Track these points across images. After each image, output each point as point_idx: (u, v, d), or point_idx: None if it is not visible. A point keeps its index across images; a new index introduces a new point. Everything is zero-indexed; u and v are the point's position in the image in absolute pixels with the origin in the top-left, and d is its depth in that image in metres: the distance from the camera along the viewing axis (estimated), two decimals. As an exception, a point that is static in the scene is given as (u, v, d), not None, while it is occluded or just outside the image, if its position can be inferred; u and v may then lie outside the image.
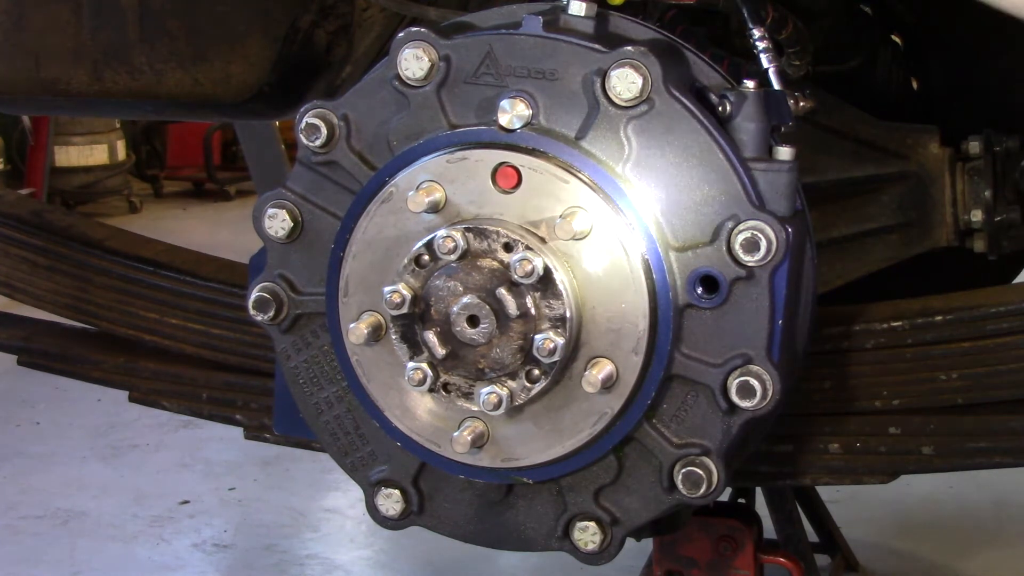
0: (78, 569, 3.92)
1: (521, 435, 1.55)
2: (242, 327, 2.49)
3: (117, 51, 2.01)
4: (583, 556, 1.61)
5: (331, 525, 4.28)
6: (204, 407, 2.54)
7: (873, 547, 3.92)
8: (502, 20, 1.62)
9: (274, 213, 1.62)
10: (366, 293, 1.57)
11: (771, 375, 1.47)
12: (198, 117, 4.00)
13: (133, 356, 2.60)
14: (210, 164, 11.26)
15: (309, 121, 1.59)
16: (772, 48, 1.73)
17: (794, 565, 2.51)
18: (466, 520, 1.66)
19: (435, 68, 1.54)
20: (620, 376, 1.49)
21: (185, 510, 4.36)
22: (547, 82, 1.51)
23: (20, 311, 2.84)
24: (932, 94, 2.77)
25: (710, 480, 1.53)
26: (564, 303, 1.47)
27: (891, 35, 2.71)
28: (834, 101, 2.37)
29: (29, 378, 3.39)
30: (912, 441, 2.19)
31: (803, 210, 1.62)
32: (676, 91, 1.48)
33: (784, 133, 1.60)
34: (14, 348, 2.70)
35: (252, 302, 1.65)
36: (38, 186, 9.23)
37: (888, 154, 2.39)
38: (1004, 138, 2.35)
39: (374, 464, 1.66)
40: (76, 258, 2.62)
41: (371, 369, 1.59)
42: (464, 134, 1.52)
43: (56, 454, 4.92)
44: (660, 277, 1.47)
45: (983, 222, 2.34)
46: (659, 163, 1.48)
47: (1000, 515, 4.23)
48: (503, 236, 1.47)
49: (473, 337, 1.48)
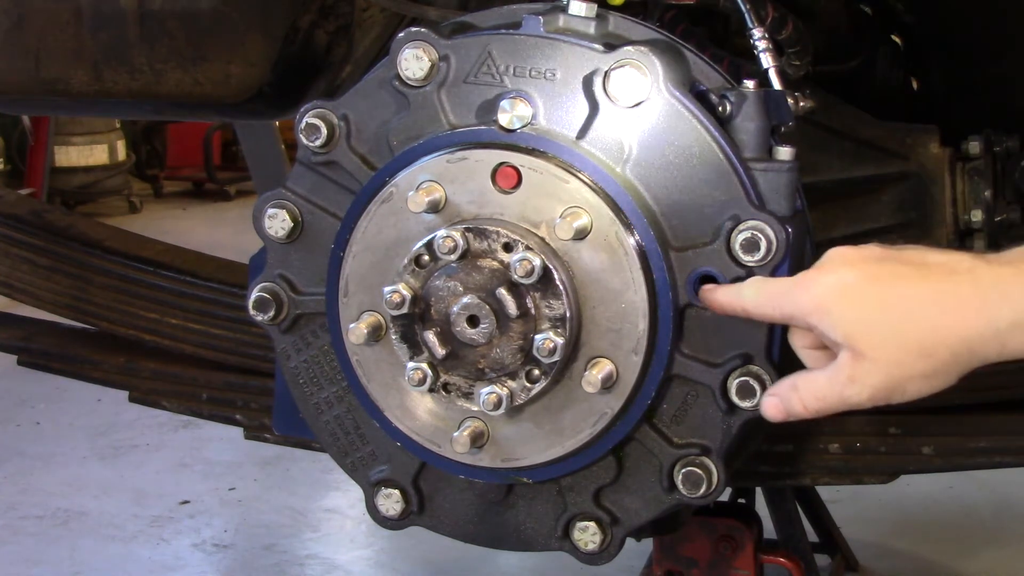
0: (78, 569, 3.92)
1: (521, 435, 1.55)
2: (242, 327, 2.50)
3: (117, 51, 2.01)
4: (583, 556, 1.61)
5: (331, 525, 4.28)
6: (204, 407, 2.54)
7: (873, 547, 3.92)
8: (502, 20, 1.62)
9: (274, 213, 1.62)
10: (366, 293, 1.57)
11: (771, 375, 1.47)
12: (198, 117, 4.00)
13: (133, 356, 2.60)
14: (210, 164, 11.25)
15: (309, 121, 1.58)
16: (772, 48, 1.73)
17: (794, 565, 2.51)
18: (466, 520, 1.66)
19: (435, 68, 1.54)
20: (620, 376, 1.49)
21: (185, 510, 4.36)
22: (547, 82, 1.51)
23: (20, 311, 2.84)
24: (932, 94, 2.77)
25: (710, 480, 1.53)
26: (564, 303, 1.47)
27: (891, 35, 2.71)
28: (834, 101, 2.36)
29: (29, 378, 3.39)
30: (912, 441, 2.19)
31: (803, 210, 1.62)
32: (676, 91, 1.48)
33: (784, 133, 1.60)
34: (14, 348, 2.70)
35: (252, 302, 1.65)
36: (38, 186, 9.23)
37: (888, 154, 2.38)
38: (1004, 138, 2.34)
39: (374, 464, 1.66)
40: (76, 258, 2.62)
41: (371, 369, 1.59)
42: (464, 134, 1.52)
43: (56, 454, 4.92)
44: (660, 277, 1.47)
45: (983, 222, 2.34)
46: (659, 163, 1.48)
47: (1000, 515, 4.23)
48: (503, 236, 1.47)
49: (473, 337, 1.48)
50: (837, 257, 1.37)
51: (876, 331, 1.32)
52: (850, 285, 1.34)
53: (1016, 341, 1.28)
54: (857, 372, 1.33)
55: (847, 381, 1.34)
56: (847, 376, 1.34)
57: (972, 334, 1.29)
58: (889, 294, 1.32)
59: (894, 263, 1.35)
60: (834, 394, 1.36)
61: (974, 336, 1.29)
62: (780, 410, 1.42)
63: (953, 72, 2.65)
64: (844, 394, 1.35)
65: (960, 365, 1.32)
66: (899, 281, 1.33)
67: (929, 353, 1.30)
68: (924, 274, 1.32)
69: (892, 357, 1.32)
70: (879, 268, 1.34)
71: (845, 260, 1.36)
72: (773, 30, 1.88)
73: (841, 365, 1.35)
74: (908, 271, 1.33)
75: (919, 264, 1.34)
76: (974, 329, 1.29)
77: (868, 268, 1.35)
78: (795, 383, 1.41)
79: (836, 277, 1.35)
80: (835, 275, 1.36)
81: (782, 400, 1.41)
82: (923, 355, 1.31)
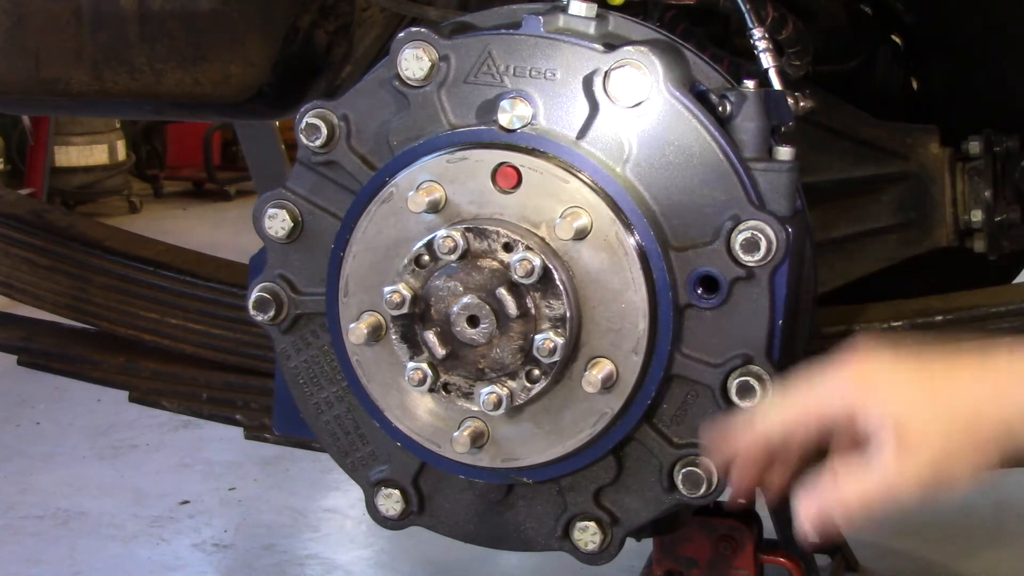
0: (78, 569, 3.91)
1: (521, 435, 1.55)
2: (242, 327, 2.50)
3: (117, 51, 2.01)
4: (583, 556, 1.61)
5: (331, 525, 4.28)
6: (204, 407, 2.54)
7: (873, 547, 3.91)
8: (502, 20, 1.62)
9: (274, 213, 1.62)
10: (366, 293, 1.57)
11: (771, 375, 1.47)
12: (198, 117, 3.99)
13: (133, 356, 2.60)
14: (210, 164, 11.24)
15: (309, 121, 1.59)
16: (772, 48, 1.73)
17: (794, 565, 2.51)
18: (466, 520, 1.66)
19: (435, 68, 1.54)
20: (620, 376, 1.49)
21: (185, 510, 4.35)
22: (547, 82, 1.51)
23: (20, 311, 2.84)
24: (932, 94, 2.77)
25: (710, 480, 1.53)
26: (564, 303, 1.47)
27: (891, 35, 2.71)
28: (834, 101, 2.36)
29: (29, 378, 3.38)
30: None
31: (803, 210, 1.62)
32: (676, 91, 1.48)
33: (784, 133, 1.60)
34: (14, 348, 2.70)
35: (252, 302, 1.65)
36: (38, 186, 9.22)
37: (888, 154, 2.38)
38: (1004, 138, 2.34)
39: (374, 464, 1.66)
40: (76, 258, 2.62)
41: (371, 369, 1.59)
42: (464, 134, 1.52)
43: (56, 454, 4.91)
44: (660, 277, 1.48)
45: (983, 222, 2.34)
46: (659, 163, 1.48)
47: (1000, 515, 4.22)
48: (503, 236, 1.47)
49: (473, 337, 1.48)
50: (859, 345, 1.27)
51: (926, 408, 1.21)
52: (887, 361, 1.25)
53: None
54: (907, 463, 1.21)
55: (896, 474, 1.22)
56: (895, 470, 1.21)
57: (1012, 413, 1.21)
58: (933, 371, 1.23)
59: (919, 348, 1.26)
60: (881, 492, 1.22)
61: (1015, 415, 1.21)
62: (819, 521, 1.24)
63: (953, 72, 2.65)
64: (893, 489, 1.22)
65: (999, 445, 1.22)
66: (937, 360, 1.24)
67: (975, 430, 1.21)
68: (959, 354, 1.24)
69: (942, 431, 1.21)
70: (907, 350, 1.25)
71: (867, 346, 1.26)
72: (773, 30, 1.88)
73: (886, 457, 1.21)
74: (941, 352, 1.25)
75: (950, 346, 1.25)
76: (1016, 406, 1.21)
77: (894, 350, 1.25)
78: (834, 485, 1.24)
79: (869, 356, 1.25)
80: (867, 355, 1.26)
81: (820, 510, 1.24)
82: (968, 431, 1.21)
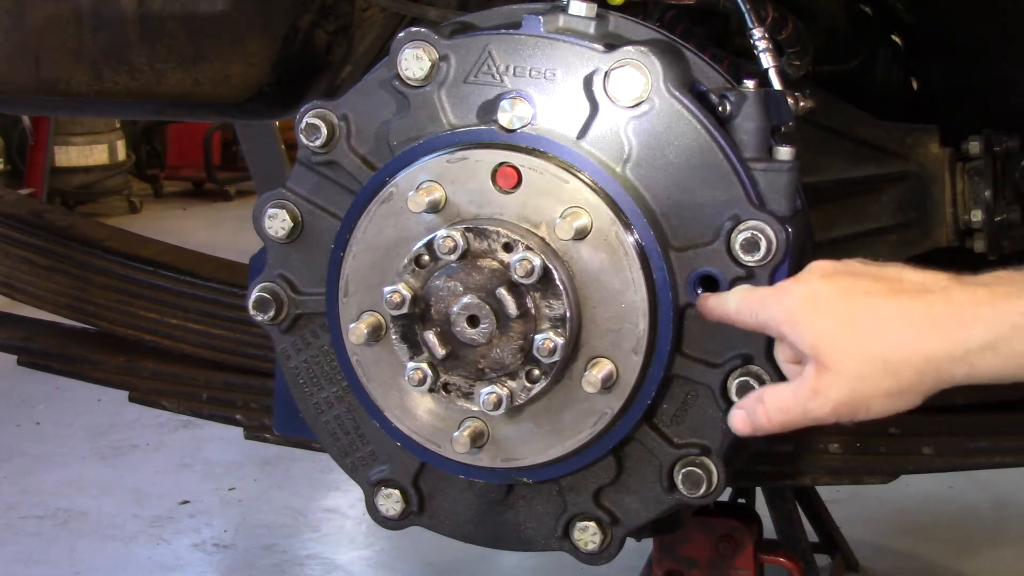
0: (78, 569, 3.91)
1: (521, 435, 1.55)
2: (242, 327, 2.50)
3: (117, 51, 2.01)
4: (583, 556, 1.61)
5: (331, 525, 4.28)
6: (204, 407, 2.54)
7: (873, 547, 3.92)
8: (502, 20, 1.62)
9: (274, 213, 1.62)
10: (366, 293, 1.57)
11: (771, 375, 1.47)
12: (198, 117, 4.00)
13: (133, 356, 2.61)
14: (210, 164, 11.24)
15: (309, 121, 1.59)
16: (772, 48, 1.73)
17: (794, 565, 2.51)
18: (466, 520, 1.66)
19: (435, 68, 1.54)
20: (620, 376, 1.49)
21: (185, 510, 4.36)
22: (547, 82, 1.51)
23: (20, 311, 2.84)
24: (932, 94, 2.77)
25: (710, 480, 1.53)
26: (564, 303, 1.47)
27: (891, 35, 2.71)
28: (834, 101, 2.36)
29: (29, 378, 3.39)
30: (912, 441, 2.19)
31: (803, 210, 1.62)
32: (676, 91, 1.48)
33: (784, 133, 1.60)
34: (14, 348, 2.70)
35: (252, 302, 1.65)
36: (38, 186, 9.22)
37: (888, 154, 2.38)
38: (1004, 138, 2.34)
39: (374, 464, 1.66)
40: (76, 258, 2.63)
41: (371, 369, 1.59)
42: (464, 134, 1.52)
43: (56, 454, 4.92)
44: (660, 277, 1.48)
45: (983, 222, 2.33)
46: (659, 163, 1.48)
47: (1000, 515, 4.23)
48: (503, 236, 1.47)
49: (473, 337, 1.48)
50: (815, 269, 1.36)
51: (841, 344, 1.30)
52: (821, 297, 1.33)
53: (986, 363, 1.26)
54: (821, 385, 1.32)
55: (811, 394, 1.33)
56: (811, 389, 1.33)
57: (939, 354, 1.27)
58: (859, 308, 1.31)
59: (869, 279, 1.33)
60: (798, 407, 1.34)
61: (941, 356, 1.27)
62: (746, 423, 1.40)
63: (953, 72, 2.65)
64: (807, 407, 1.33)
65: (925, 385, 1.29)
66: (870, 296, 1.31)
67: (894, 371, 1.29)
68: (896, 291, 1.31)
69: (856, 372, 1.30)
70: (853, 282, 1.33)
71: (822, 272, 1.35)
72: (773, 30, 1.88)
73: (806, 378, 1.33)
74: (881, 287, 1.32)
75: (894, 281, 1.32)
76: (941, 349, 1.27)
77: (842, 281, 1.33)
78: (761, 395, 1.40)
79: (809, 288, 1.34)
80: (809, 286, 1.35)
81: (748, 413, 1.40)
82: (888, 372, 1.29)
